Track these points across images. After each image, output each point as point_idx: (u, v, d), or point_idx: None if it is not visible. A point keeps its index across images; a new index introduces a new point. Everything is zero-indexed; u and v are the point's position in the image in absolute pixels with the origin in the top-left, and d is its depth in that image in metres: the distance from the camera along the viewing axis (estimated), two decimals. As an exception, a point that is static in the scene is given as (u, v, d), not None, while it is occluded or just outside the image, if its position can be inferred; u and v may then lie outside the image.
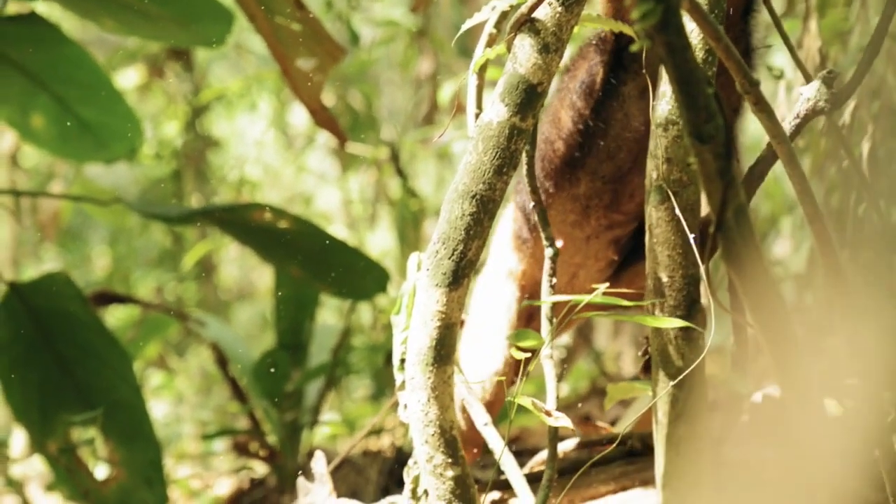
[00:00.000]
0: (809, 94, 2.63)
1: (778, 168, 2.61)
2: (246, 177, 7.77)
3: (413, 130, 6.70)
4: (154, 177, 8.31)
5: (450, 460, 2.76)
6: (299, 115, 7.68)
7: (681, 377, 2.70)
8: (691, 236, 2.64)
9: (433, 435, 2.75)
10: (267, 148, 8.01)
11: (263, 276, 9.70)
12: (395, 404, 3.44)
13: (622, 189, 3.23)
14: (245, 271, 9.85)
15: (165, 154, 7.63)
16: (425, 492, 3.13)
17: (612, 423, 4.02)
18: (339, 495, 3.39)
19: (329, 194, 8.03)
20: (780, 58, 4.50)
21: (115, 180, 7.70)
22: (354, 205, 7.34)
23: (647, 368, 3.22)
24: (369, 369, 5.82)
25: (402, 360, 3.27)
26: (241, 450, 5.20)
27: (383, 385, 5.79)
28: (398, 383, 3.27)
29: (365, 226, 7.12)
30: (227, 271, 9.43)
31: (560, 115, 3.12)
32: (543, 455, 3.36)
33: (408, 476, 3.22)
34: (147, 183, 8.44)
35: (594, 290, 2.54)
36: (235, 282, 9.68)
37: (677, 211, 2.64)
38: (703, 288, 2.67)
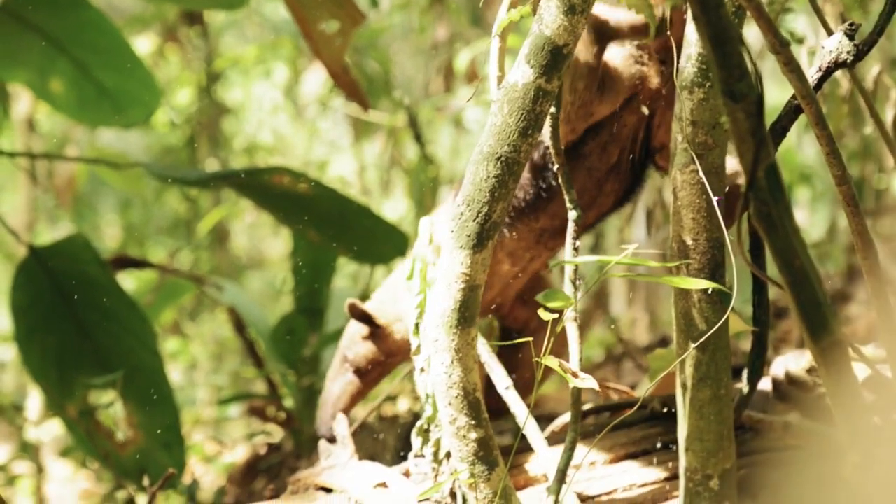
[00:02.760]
0: (832, 46, 2.63)
1: (793, 137, 2.62)
2: (259, 143, 7.77)
3: (427, 98, 6.69)
4: (167, 144, 8.32)
5: (473, 422, 2.76)
6: (312, 83, 7.67)
7: (703, 339, 2.70)
8: (715, 199, 2.64)
9: (456, 397, 2.75)
10: (280, 115, 8.01)
11: (273, 245, 9.72)
12: (412, 370, 3.45)
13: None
14: (255, 241, 9.86)
15: (180, 121, 7.63)
16: (447, 454, 3.14)
17: (632, 388, 4.02)
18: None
19: (342, 162, 8.03)
20: (800, 23, 4.48)
21: (127, 147, 7.70)
22: (369, 172, 7.34)
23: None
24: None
25: (417, 325, 3.28)
26: (258, 414, 5.21)
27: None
28: (413, 348, 3.27)
29: (379, 193, 7.13)
30: (238, 241, 9.45)
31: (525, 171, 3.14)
32: (561, 420, 3.37)
33: (417, 438, 3.23)
34: (160, 150, 8.45)
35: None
36: (246, 251, 9.70)
37: (701, 174, 2.64)
38: (731, 250, 2.67)
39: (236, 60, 7.36)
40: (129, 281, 7.08)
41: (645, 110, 3.11)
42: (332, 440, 3.52)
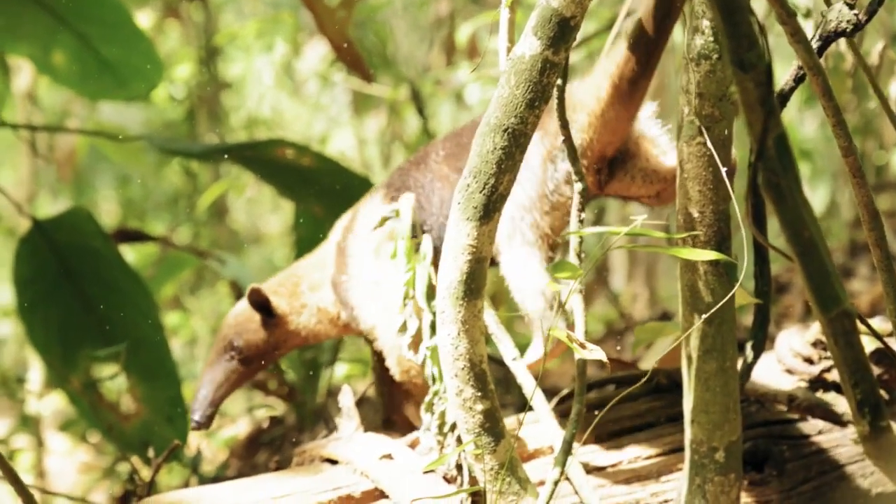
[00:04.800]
0: (832, 16, 2.63)
1: (794, 113, 2.62)
2: (259, 118, 7.76)
3: (427, 73, 6.68)
4: (167, 119, 8.30)
5: (479, 394, 2.76)
6: (310, 59, 7.64)
7: (709, 311, 2.71)
8: (723, 171, 2.65)
9: (463, 369, 2.75)
10: (280, 91, 7.99)
11: (271, 221, 9.71)
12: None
13: None
14: (253, 217, 9.85)
15: (180, 95, 7.61)
16: (452, 426, 3.14)
17: (633, 363, 4.03)
18: (361, 432, 3.41)
19: (343, 136, 8.01)
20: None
21: (126, 122, 7.68)
22: (369, 146, 7.33)
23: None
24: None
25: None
26: (260, 388, 5.21)
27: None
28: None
29: (381, 167, 7.12)
30: (237, 216, 9.44)
31: None
32: (565, 393, 3.38)
33: (426, 413, 3.23)
34: (160, 125, 8.44)
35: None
36: (244, 227, 9.69)
37: (710, 145, 2.64)
38: (740, 222, 2.68)
39: (235, 35, 7.34)
40: (129, 255, 7.07)
41: None
42: (206, 425, 3.45)
